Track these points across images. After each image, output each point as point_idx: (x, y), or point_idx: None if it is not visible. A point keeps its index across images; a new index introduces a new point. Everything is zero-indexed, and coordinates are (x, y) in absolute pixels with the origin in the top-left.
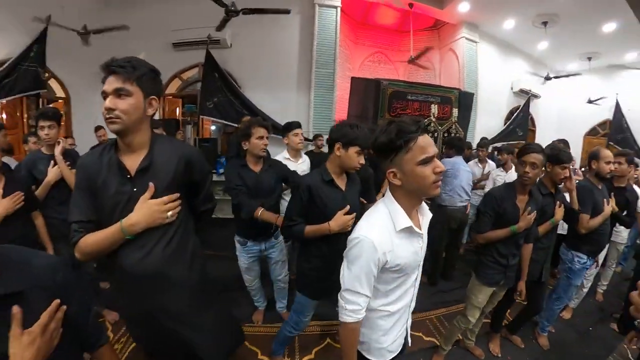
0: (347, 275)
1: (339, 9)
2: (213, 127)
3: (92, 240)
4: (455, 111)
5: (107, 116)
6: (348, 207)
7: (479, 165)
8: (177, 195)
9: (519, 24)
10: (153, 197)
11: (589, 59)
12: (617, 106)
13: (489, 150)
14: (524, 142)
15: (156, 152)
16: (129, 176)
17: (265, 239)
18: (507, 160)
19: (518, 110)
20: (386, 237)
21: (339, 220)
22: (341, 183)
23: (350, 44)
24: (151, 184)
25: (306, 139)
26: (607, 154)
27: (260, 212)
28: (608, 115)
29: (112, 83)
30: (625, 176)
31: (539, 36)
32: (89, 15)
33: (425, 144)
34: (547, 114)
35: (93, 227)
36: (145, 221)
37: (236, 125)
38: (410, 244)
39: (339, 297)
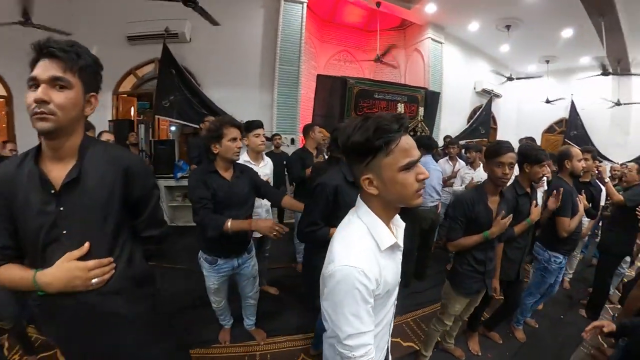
0: (342, 320)
1: (305, 5)
2: (173, 128)
3: (6, 277)
4: (421, 110)
5: (37, 110)
6: None
7: (450, 162)
8: (108, 260)
9: (483, 26)
10: (86, 218)
11: (547, 61)
12: (572, 106)
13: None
14: (486, 139)
15: (88, 161)
16: (53, 191)
17: (239, 254)
18: (475, 158)
19: (481, 110)
20: (372, 260)
21: None
22: None
23: (315, 42)
24: (86, 245)
25: (267, 139)
26: (578, 152)
27: (229, 224)
28: (564, 114)
29: (48, 69)
30: (590, 171)
31: (501, 39)
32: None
33: (409, 145)
34: (507, 112)
35: (12, 253)
36: (61, 285)
37: (195, 125)
38: (393, 261)
39: (338, 348)
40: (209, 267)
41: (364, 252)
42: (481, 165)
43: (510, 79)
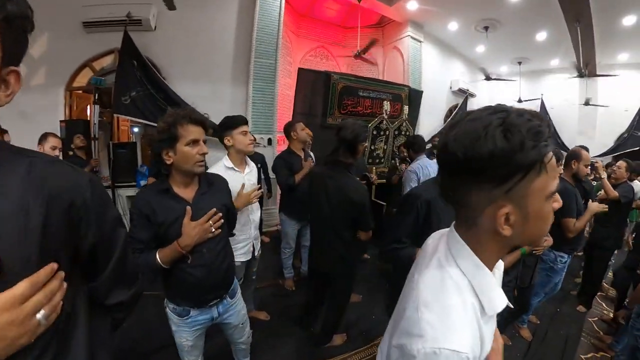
0: None
1: None
2: (136, 129)
3: None
4: (406, 109)
5: None
6: None
7: None
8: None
9: (462, 26)
10: None
11: (520, 63)
12: (542, 105)
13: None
14: (419, 135)
15: None
16: None
17: (219, 300)
18: None
19: (457, 109)
20: (476, 334)
21: None
22: None
23: (291, 36)
24: None
25: None
26: (588, 156)
27: (159, 258)
28: None
29: None
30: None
31: (477, 40)
32: None
33: (554, 162)
34: None
35: None
36: None
37: None
38: (494, 324)
39: None
40: (178, 321)
41: (469, 326)
42: None
43: (488, 78)
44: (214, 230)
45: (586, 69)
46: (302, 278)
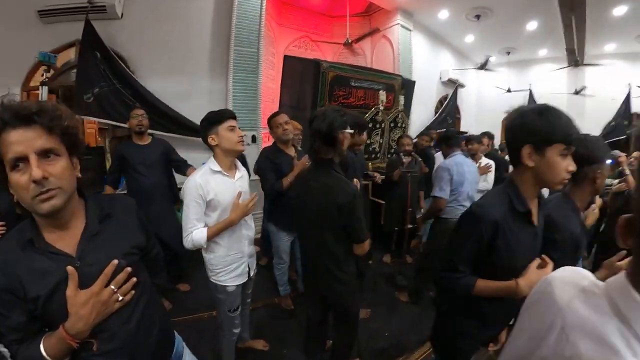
0: None
1: None
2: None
3: None
4: (401, 99)
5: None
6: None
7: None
8: None
9: (453, 15)
10: None
11: (508, 53)
12: (531, 95)
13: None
14: (453, 129)
15: None
16: None
17: None
18: (477, 150)
19: (448, 99)
20: None
21: (533, 276)
22: (533, 213)
23: (274, 26)
24: None
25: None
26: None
27: (44, 353)
28: (523, 102)
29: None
30: None
31: (467, 29)
32: None
33: None
34: (469, 101)
35: None
36: None
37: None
38: None
39: None
40: None
41: None
42: (483, 157)
43: (482, 67)
44: (120, 298)
45: (578, 59)
46: (300, 293)
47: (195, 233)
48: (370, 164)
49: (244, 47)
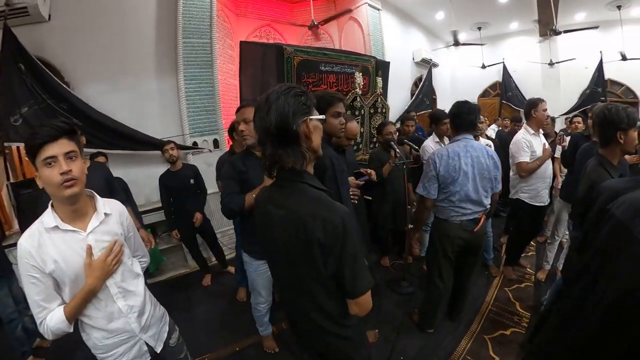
0: None
1: None
2: None
3: None
4: (379, 81)
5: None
6: None
7: (441, 143)
8: None
9: None
10: None
11: (479, 28)
12: (505, 69)
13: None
14: (430, 110)
15: None
16: None
17: None
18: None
19: (423, 80)
20: None
21: None
22: None
23: (231, 16)
24: None
25: (183, 147)
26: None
27: None
28: (497, 77)
29: None
30: None
31: (437, 5)
32: None
33: None
34: (443, 80)
35: None
36: None
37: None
38: None
39: None
40: None
41: None
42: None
43: (456, 43)
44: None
45: (552, 29)
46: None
47: (49, 319)
48: None
49: (194, 38)
